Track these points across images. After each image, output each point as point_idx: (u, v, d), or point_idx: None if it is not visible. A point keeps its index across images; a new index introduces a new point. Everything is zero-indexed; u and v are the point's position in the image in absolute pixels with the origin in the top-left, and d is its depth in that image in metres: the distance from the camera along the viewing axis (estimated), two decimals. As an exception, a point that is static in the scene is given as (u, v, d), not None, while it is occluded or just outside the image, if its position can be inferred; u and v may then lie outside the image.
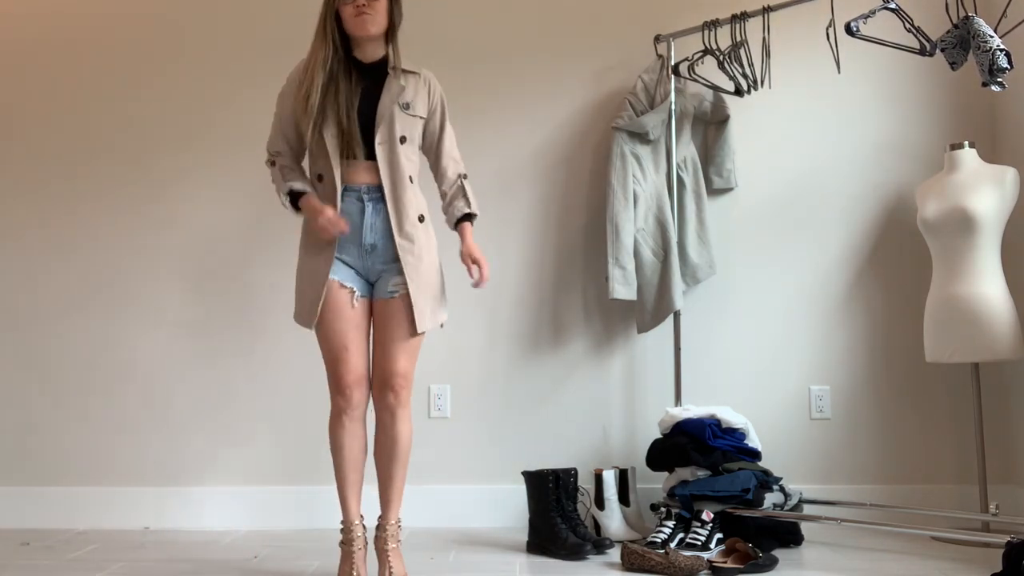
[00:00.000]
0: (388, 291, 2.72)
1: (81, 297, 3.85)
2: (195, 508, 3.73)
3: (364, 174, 2.72)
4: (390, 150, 2.71)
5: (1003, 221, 3.37)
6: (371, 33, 2.71)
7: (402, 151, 2.72)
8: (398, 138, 2.72)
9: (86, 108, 3.93)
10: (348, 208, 2.71)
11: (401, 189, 2.72)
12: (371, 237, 2.71)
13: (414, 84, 2.79)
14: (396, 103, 2.73)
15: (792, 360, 3.83)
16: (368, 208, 2.71)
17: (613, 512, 3.47)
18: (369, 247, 2.72)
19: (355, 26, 2.69)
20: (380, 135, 2.71)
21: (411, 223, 2.73)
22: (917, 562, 3.03)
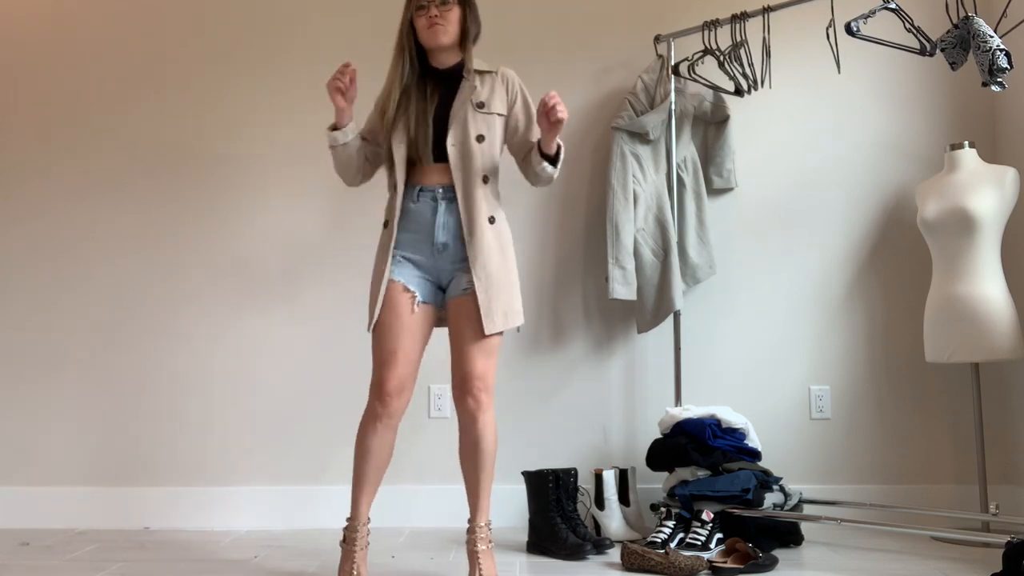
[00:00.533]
0: (462, 288, 2.70)
1: (81, 296, 3.85)
2: (195, 508, 3.73)
3: (437, 176, 2.74)
4: (463, 150, 2.72)
5: (1003, 221, 3.38)
6: (443, 43, 2.76)
7: (478, 150, 2.73)
8: (473, 137, 2.73)
9: (75, 110, 3.93)
10: (421, 208, 2.72)
11: (472, 188, 2.71)
12: (443, 236, 2.71)
13: (490, 83, 2.81)
14: (469, 103, 2.74)
15: (792, 360, 3.83)
16: (441, 207, 2.72)
17: (613, 512, 3.47)
18: (441, 246, 2.71)
19: (427, 37, 2.75)
20: (452, 136, 2.72)
21: (483, 222, 2.71)
22: (917, 562, 3.03)
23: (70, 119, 3.92)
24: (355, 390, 3.69)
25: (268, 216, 3.86)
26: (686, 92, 3.80)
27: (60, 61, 3.96)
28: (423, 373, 3.77)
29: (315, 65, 3.82)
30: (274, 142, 3.89)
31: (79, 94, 3.94)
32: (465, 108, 2.74)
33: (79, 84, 3.94)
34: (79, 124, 3.92)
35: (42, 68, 3.96)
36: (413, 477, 3.76)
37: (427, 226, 2.72)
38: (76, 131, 3.92)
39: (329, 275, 3.83)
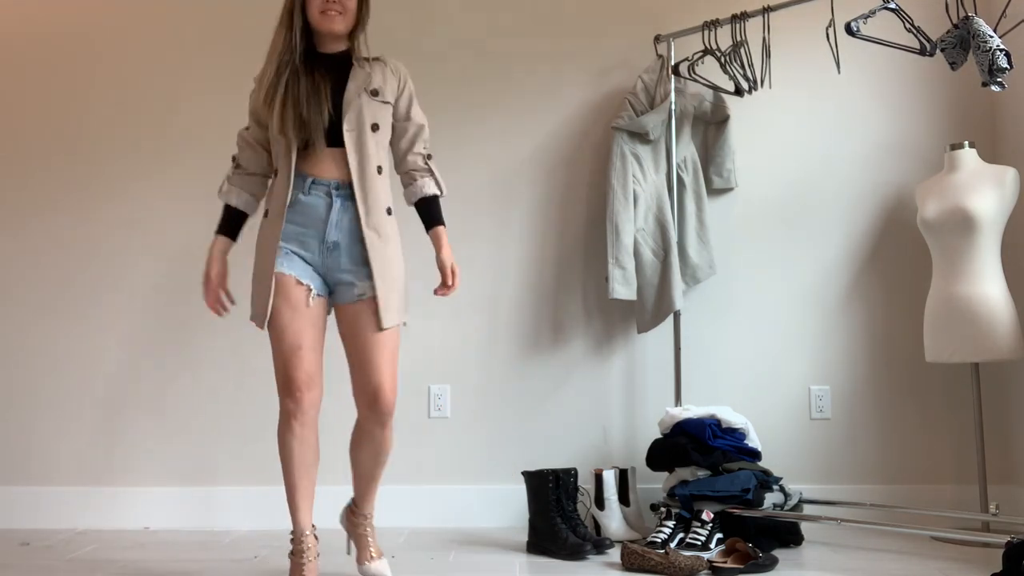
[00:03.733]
0: (357, 295, 2.62)
1: (74, 295, 3.85)
2: (195, 508, 3.73)
3: (331, 165, 2.62)
4: (359, 138, 2.63)
5: (1003, 221, 3.37)
6: (338, 30, 2.67)
7: (372, 139, 2.64)
8: (368, 125, 2.64)
9: (44, 107, 3.93)
10: (313, 202, 2.61)
11: (370, 179, 2.63)
12: (335, 234, 2.61)
13: (380, 70, 2.72)
14: (364, 90, 2.66)
15: (792, 360, 3.83)
16: (336, 204, 2.61)
17: (613, 512, 3.47)
18: (332, 244, 2.61)
19: (322, 21, 2.64)
20: (348, 122, 2.62)
21: (380, 215, 2.64)
22: (917, 562, 3.03)
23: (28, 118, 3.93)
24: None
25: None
26: (686, 92, 3.80)
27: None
28: (423, 374, 3.79)
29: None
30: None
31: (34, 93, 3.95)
32: (360, 94, 2.65)
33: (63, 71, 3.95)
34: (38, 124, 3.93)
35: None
36: (413, 477, 3.75)
37: (318, 222, 2.61)
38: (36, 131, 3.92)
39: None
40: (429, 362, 3.81)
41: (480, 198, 3.88)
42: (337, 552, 3.11)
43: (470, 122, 3.89)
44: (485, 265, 3.86)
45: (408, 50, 3.90)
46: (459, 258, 3.82)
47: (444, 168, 3.87)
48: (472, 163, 3.88)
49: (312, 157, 2.62)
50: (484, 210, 3.88)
